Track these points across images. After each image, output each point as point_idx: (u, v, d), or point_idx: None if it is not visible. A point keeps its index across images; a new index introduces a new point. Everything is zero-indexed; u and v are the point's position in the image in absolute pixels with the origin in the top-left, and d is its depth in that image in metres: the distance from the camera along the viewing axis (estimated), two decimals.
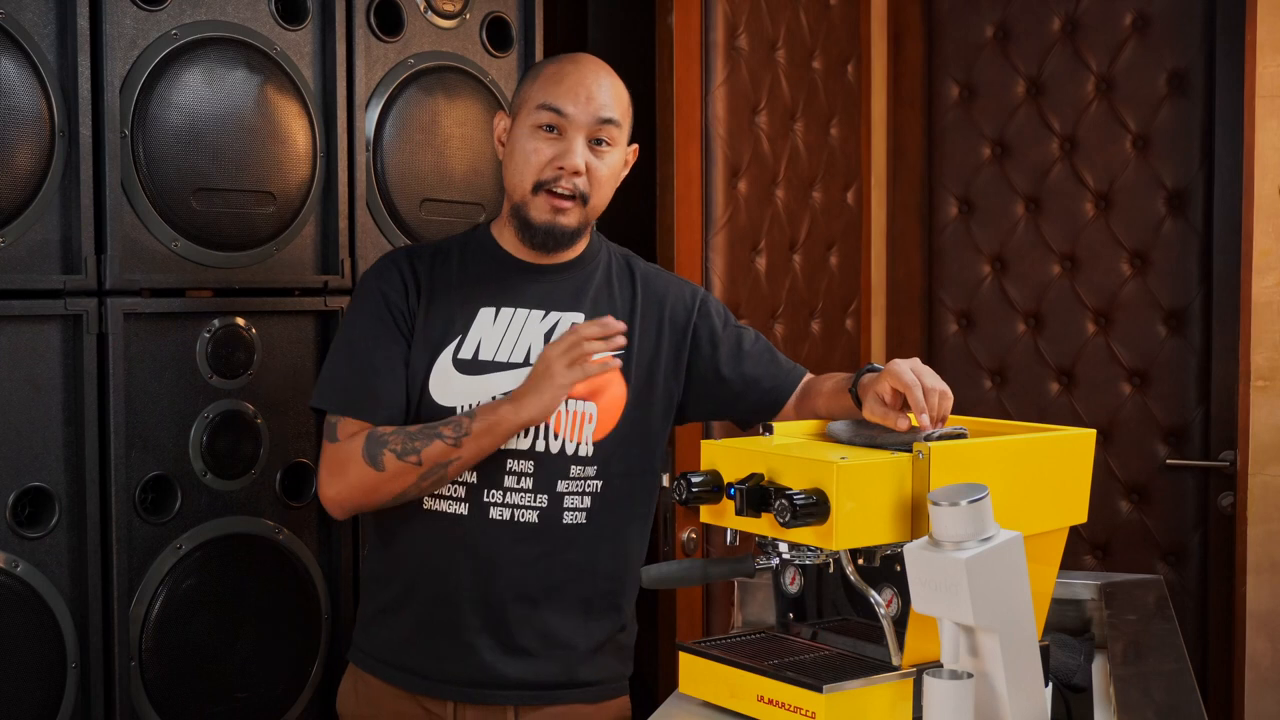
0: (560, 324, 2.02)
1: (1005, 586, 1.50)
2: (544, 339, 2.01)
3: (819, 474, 1.60)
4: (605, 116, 1.98)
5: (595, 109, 1.98)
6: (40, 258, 2.01)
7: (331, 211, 2.36)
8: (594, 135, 1.99)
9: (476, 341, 2.00)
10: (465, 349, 1.99)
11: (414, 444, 1.91)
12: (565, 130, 1.97)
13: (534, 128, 1.98)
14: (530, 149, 1.98)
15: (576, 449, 2.00)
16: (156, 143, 2.12)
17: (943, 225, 3.56)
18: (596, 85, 1.99)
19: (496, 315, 2.01)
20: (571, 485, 2.00)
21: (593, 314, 2.04)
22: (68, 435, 2.04)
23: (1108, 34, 3.35)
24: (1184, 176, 3.28)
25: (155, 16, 2.13)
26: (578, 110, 1.97)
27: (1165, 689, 1.68)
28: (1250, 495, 3.05)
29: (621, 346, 1.97)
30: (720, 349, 2.11)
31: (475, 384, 1.98)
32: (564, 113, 1.97)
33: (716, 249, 2.95)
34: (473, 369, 1.98)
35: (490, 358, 1.99)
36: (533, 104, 1.99)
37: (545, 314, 2.03)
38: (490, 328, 2.01)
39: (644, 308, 2.09)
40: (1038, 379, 3.46)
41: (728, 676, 1.75)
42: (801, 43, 3.23)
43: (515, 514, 1.98)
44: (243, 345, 2.25)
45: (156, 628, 2.14)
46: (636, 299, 2.09)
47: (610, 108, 2.00)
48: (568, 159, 1.96)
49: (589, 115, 1.97)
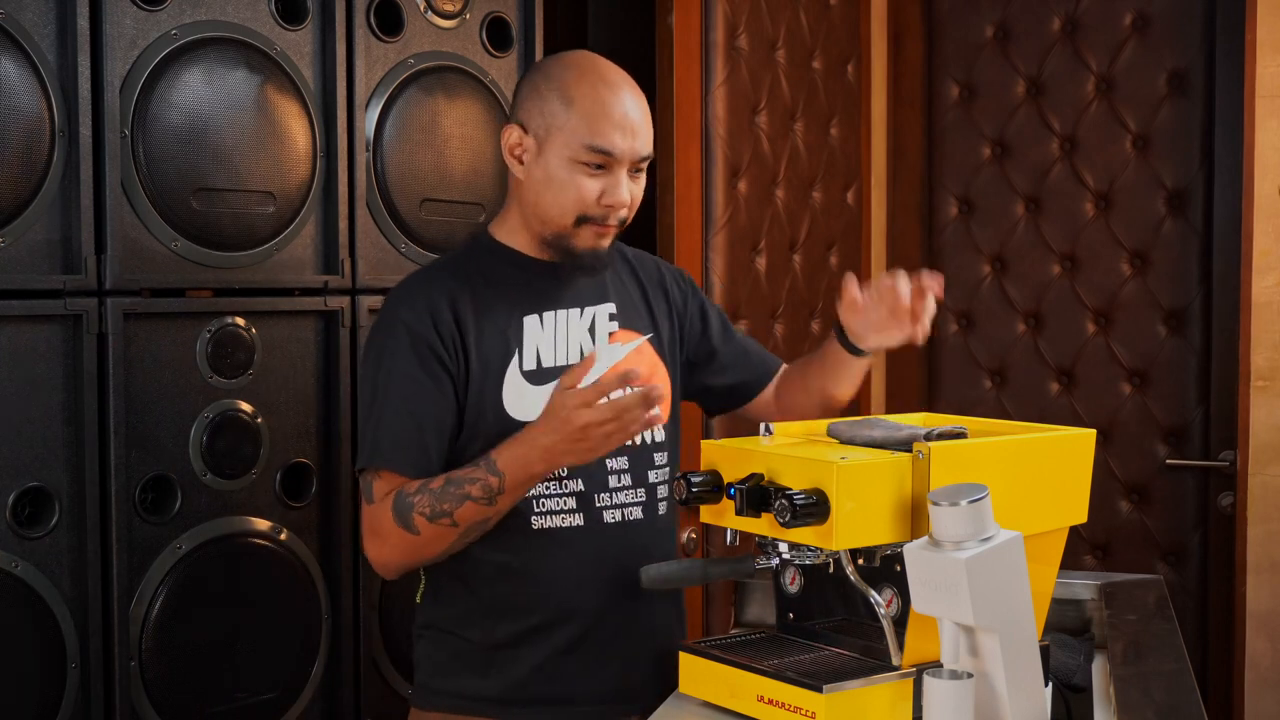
0: (597, 317, 2.02)
1: (1005, 586, 1.50)
2: (589, 334, 2.00)
3: (819, 474, 1.60)
4: (648, 154, 1.95)
5: (640, 147, 1.93)
6: (40, 258, 2.01)
7: (331, 211, 2.36)
8: (634, 167, 1.95)
9: (535, 351, 1.96)
10: (527, 360, 1.95)
11: (443, 505, 1.83)
12: (611, 167, 1.91)
13: (576, 162, 1.91)
14: (576, 183, 1.91)
15: (653, 435, 2.00)
16: (156, 143, 2.12)
17: (943, 225, 3.56)
18: (638, 116, 1.93)
19: (542, 322, 1.98)
20: (658, 475, 2.01)
21: (618, 302, 2.04)
22: (68, 435, 2.04)
23: (1108, 34, 3.35)
24: (1184, 176, 3.28)
25: (155, 16, 2.13)
26: (624, 149, 1.91)
27: (1165, 689, 1.68)
28: (1250, 495, 3.05)
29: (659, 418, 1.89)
30: (711, 323, 2.15)
31: (548, 392, 1.89)
32: (613, 154, 1.90)
33: (716, 249, 2.95)
34: (540, 379, 1.94)
35: (551, 364, 1.96)
36: (574, 140, 1.90)
37: (582, 311, 2.01)
38: (541, 334, 1.97)
39: (650, 290, 2.11)
40: (1038, 379, 3.46)
41: (728, 676, 1.75)
42: (801, 43, 3.23)
43: (625, 514, 1.97)
44: (243, 345, 2.25)
45: (156, 628, 2.14)
46: (642, 282, 2.11)
47: (650, 140, 1.96)
48: (617, 195, 1.92)
49: (634, 153, 1.92)
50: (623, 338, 2.04)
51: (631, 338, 2.04)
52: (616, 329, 2.03)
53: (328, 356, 2.37)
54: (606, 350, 2.00)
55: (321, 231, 2.36)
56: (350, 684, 2.41)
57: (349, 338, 2.38)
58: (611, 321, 2.03)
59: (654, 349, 2.06)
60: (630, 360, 2.02)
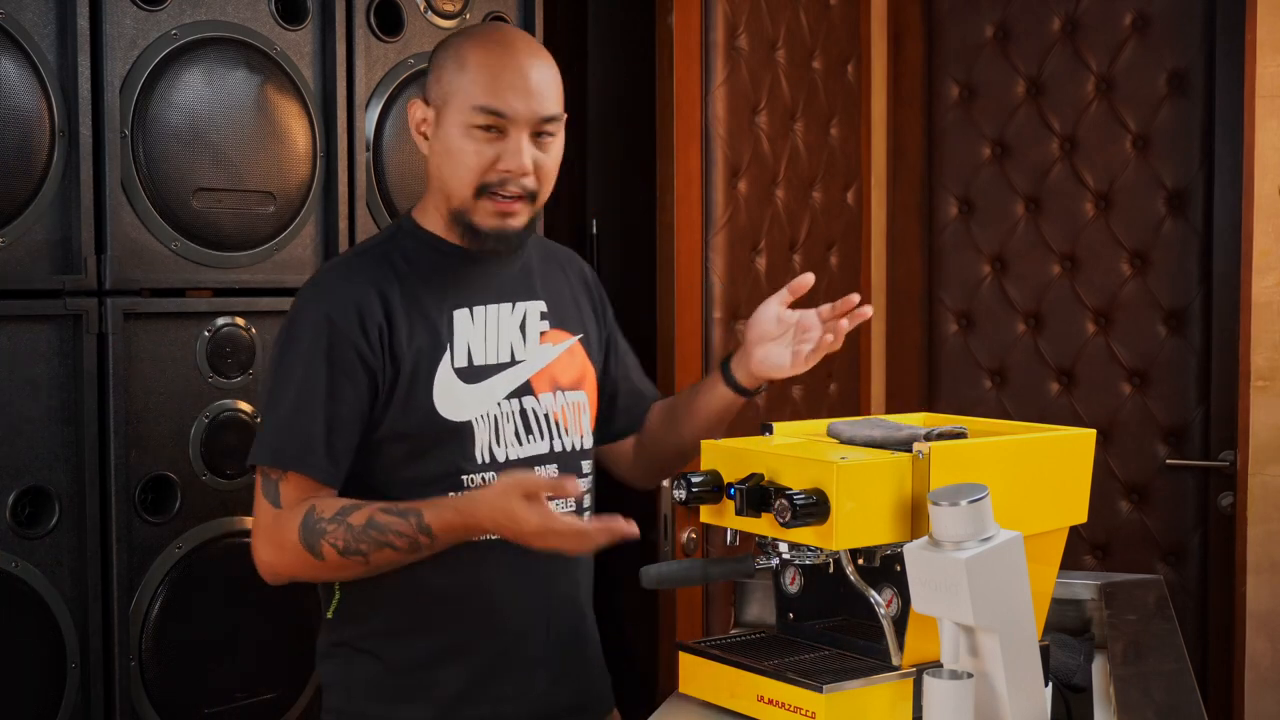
0: (528, 314, 1.93)
1: (1005, 586, 1.50)
2: (519, 331, 1.92)
3: (819, 474, 1.60)
4: (549, 114, 1.82)
5: (537, 106, 1.80)
6: (40, 258, 2.01)
7: (331, 211, 2.36)
8: (537, 129, 1.82)
9: (466, 347, 1.86)
10: (459, 357, 1.86)
11: (359, 545, 1.72)
12: (506, 130, 1.80)
13: (468, 127, 1.80)
14: (469, 150, 1.80)
15: (581, 443, 1.96)
16: (156, 143, 2.12)
17: (943, 225, 3.56)
18: (535, 75, 1.81)
19: (472, 316, 1.88)
20: (584, 483, 1.95)
21: (548, 300, 1.97)
22: (67, 435, 2.04)
23: (1108, 34, 3.35)
24: (1184, 176, 3.28)
25: (155, 16, 2.13)
26: (519, 107, 1.79)
27: (1165, 689, 1.68)
28: (1250, 495, 3.05)
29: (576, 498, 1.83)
30: (617, 344, 2.10)
31: (480, 392, 1.86)
32: (504, 114, 1.79)
33: (716, 249, 2.95)
34: (473, 376, 1.86)
35: (483, 362, 1.88)
36: (466, 102, 1.80)
37: (512, 306, 1.93)
38: (471, 329, 1.87)
39: (575, 288, 2.04)
40: (1038, 379, 3.46)
41: (728, 676, 1.75)
42: (801, 43, 3.23)
43: None
44: (243, 345, 2.25)
45: (156, 628, 2.14)
46: (570, 280, 2.04)
47: (553, 101, 1.83)
48: (514, 161, 1.80)
49: (531, 113, 1.80)
50: (553, 338, 1.97)
51: (562, 338, 1.98)
52: (548, 328, 1.97)
53: None
54: (538, 351, 1.94)
55: (321, 231, 2.36)
56: None
57: None
58: (543, 320, 1.96)
59: (583, 350, 2.01)
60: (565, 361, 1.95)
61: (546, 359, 1.94)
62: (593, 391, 2.00)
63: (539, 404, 1.91)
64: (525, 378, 1.92)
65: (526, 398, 1.91)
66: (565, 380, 1.95)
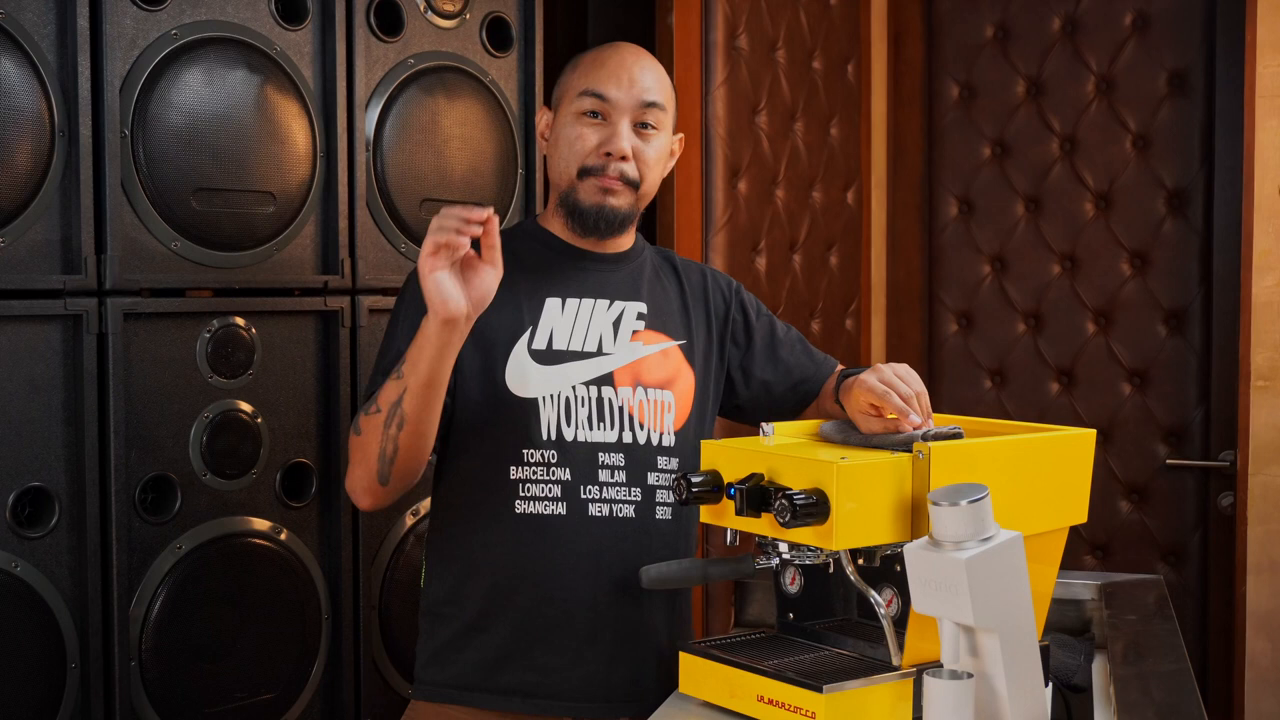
0: (625, 313, 2.01)
1: (1005, 586, 1.50)
2: (612, 328, 1.99)
3: (819, 474, 1.60)
4: (649, 100, 1.95)
5: (639, 92, 1.95)
6: (40, 258, 2.01)
7: (331, 211, 2.36)
8: (639, 119, 1.96)
9: (549, 332, 1.96)
10: (539, 339, 1.95)
11: (375, 398, 1.84)
12: (609, 115, 1.94)
13: (577, 114, 1.95)
14: (574, 135, 1.95)
15: (660, 439, 1.99)
16: (156, 143, 2.12)
17: (943, 225, 3.56)
18: (639, 68, 1.97)
19: (564, 305, 1.98)
20: (660, 478, 1.99)
21: (651, 304, 2.03)
22: (68, 435, 2.04)
23: (1108, 34, 3.35)
24: (1184, 176, 3.28)
25: (155, 16, 2.13)
26: (621, 93, 1.94)
27: (1165, 689, 1.68)
28: (1250, 495, 3.05)
29: (477, 234, 1.79)
30: (755, 340, 2.13)
31: (553, 373, 1.94)
32: (607, 97, 1.94)
33: (716, 249, 2.95)
34: (549, 359, 1.95)
35: (564, 347, 1.96)
36: (574, 91, 1.96)
37: (610, 303, 2.01)
38: (560, 317, 1.97)
39: (691, 298, 2.10)
40: (1038, 379, 3.47)
41: (728, 676, 1.75)
42: (801, 43, 3.23)
43: (613, 509, 1.94)
44: (243, 345, 2.25)
45: (156, 628, 2.14)
46: (685, 290, 2.10)
47: (654, 90, 1.97)
48: (614, 143, 1.93)
49: (632, 99, 1.95)
50: (647, 338, 2.02)
51: (656, 339, 2.03)
52: (643, 329, 2.02)
53: (327, 356, 2.37)
54: (628, 347, 2.00)
55: (321, 231, 2.36)
56: (350, 684, 2.41)
57: (349, 338, 2.38)
58: (639, 320, 2.02)
59: (683, 355, 2.04)
60: (655, 361, 2.01)
61: (634, 356, 2.00)
62: (685, 393, 2.03)
63: (617, 396, 1.97)
64: (608, 369, 1.98)
65: (606, 388, 1.97)
66: (651, 379, 2.00)
